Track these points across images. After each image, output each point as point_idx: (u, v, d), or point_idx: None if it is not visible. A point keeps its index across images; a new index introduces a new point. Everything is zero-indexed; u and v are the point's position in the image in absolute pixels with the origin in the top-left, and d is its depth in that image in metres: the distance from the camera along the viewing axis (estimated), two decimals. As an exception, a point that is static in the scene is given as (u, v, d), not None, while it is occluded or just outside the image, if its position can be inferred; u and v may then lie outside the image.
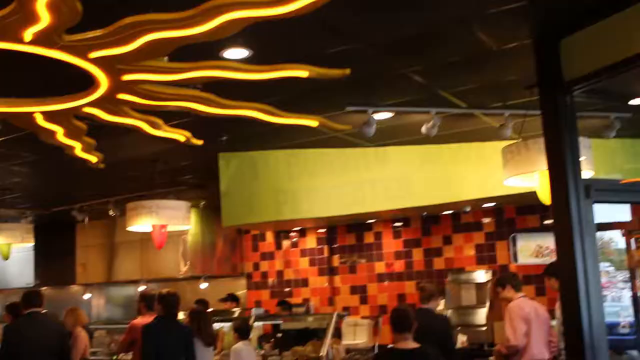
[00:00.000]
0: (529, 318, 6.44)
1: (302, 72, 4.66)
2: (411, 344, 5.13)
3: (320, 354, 8.07)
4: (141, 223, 8.23)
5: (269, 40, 4.82)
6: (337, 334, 8.64)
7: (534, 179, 5.87)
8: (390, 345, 5.40)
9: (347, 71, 4.70)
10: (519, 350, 6.39)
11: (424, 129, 6.55)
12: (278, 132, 7.29)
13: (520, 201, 9.28)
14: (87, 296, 13.74)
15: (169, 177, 9.35)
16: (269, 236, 12.16)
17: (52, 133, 5.97)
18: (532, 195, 6.22)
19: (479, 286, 9.86)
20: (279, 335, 9.40)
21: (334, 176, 8.39)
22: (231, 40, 4.51)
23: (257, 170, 8.55)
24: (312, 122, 6.01)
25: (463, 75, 5.81)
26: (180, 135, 6.29)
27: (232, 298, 11.13)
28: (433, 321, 6.50)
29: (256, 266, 12.31)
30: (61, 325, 7.20)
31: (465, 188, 8.15)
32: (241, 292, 11.94)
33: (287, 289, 11.87)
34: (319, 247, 11.63)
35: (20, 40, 4.01)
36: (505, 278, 6.97)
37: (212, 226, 11.94)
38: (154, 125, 5.91)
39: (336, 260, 11.53)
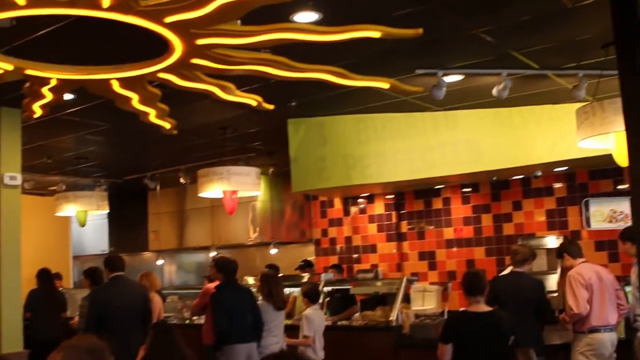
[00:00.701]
0: (590, 283, 6.20)
1: (374, 33, 4.61)
2: (483, 307, 5.13)
3: (390, 319, 8.13)
4: (212, 189, 8.37)
5: (338, 3, 4.82)
6: (406, 300, 8.66)
7: (609, 140, 5.74)
8: (462, 309, 5.40)
9: (420, 31, 4.64)
10: (583, 317, 6.23)
11: (494, 92, 6.47)
12: (347, 97, 7.30)
13: (592, 165, 9.10)
14: (159, 262, 14.02)
15: (238, 144, 9.46)
16: (337, 202, 12.23)
17: (128, 99, 6.08)
18: (606, 158, 6.10)
19: (550, 252, 9.74)
20: (327, 299, 9.41)
21: (402, 141, 8.35)
22: (301, 3, 4.53)
23: (326, 136, 8.58)
24: (383, 84, 5.97)
25: (535, 35, 5.68)
26: (251, 100, 6.34)
27: (307, 264, 11.24)
28: (527, 284, 6.49)
29: (324, 232, 12.40)
30: (144, 288, 7.38)
31: (536, 151, 8.01)
32: (310, 259, 12.05)
33: (355, 255, 11.95)
34: (387, 213, 11.65)
35: (99, 7, 4.09)
36: (561, 248, 6.79)
37: (281, 192, 12.09)
38: (226, 90, 5.97)
39: (404, 226, 11.53)
